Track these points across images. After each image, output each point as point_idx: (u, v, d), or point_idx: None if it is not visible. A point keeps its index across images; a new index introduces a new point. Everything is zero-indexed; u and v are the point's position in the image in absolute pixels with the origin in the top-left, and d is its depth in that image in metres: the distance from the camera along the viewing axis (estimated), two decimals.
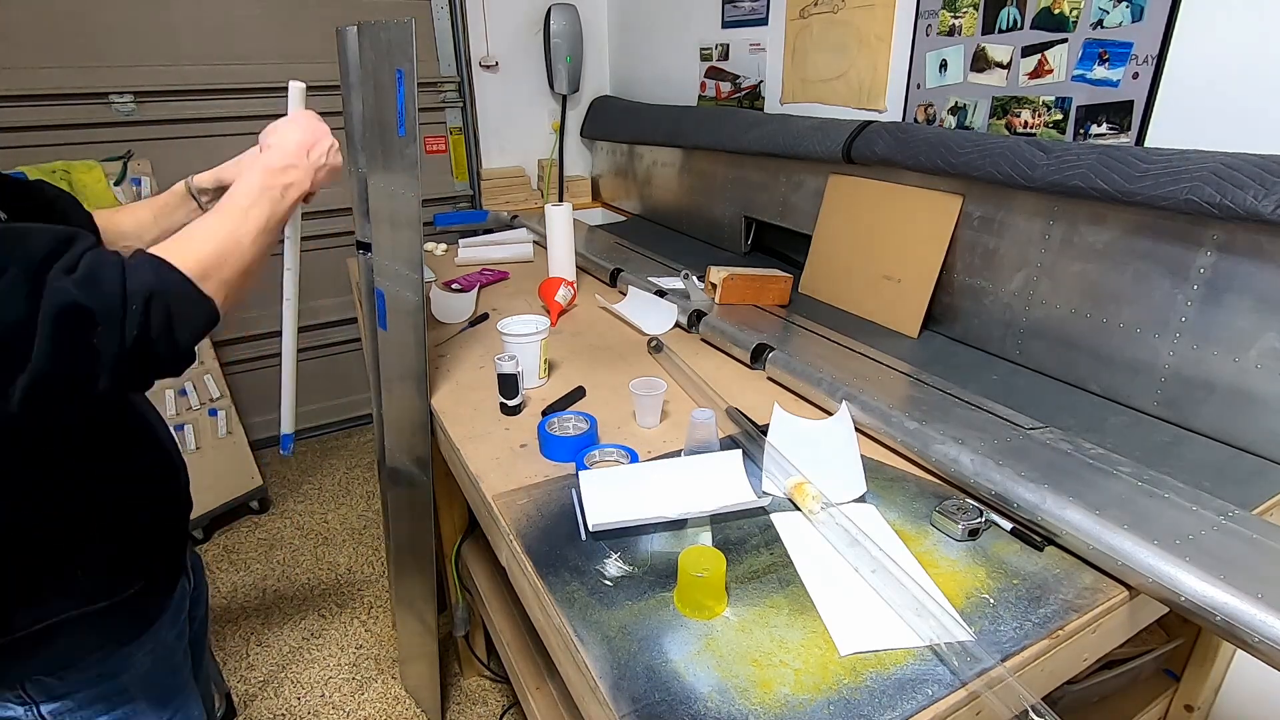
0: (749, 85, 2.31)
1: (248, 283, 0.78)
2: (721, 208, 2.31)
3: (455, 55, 2.91)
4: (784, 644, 0.77)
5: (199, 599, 1.07)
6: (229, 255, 0.76)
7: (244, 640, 2.08)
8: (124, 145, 2.34)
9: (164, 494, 0.91)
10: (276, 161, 0.88)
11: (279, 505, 2.71)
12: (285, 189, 0.87)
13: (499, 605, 1.62)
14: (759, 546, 0.92)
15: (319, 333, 3.01)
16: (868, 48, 1.83)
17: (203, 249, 0.74)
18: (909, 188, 1.61)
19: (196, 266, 0.72)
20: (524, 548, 0.92)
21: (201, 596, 1.09)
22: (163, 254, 0.70)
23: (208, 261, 0.73)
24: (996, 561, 0.89)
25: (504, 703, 1.89)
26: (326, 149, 0.94)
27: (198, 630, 1.08)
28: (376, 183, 1.31)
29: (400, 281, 1.31)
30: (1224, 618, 0.75)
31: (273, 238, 0.84)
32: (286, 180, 0.87)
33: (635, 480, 1.00)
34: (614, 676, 0.73)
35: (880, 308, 1.65)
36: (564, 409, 1.26)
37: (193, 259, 0.72)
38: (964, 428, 1.09)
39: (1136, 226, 1.22)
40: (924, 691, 0.70)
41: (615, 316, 1.73)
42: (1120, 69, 1.32)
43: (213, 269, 0.73)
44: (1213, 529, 0.85)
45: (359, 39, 1.28)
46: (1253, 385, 1.10)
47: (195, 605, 1.05)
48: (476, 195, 3.09)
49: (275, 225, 0.85)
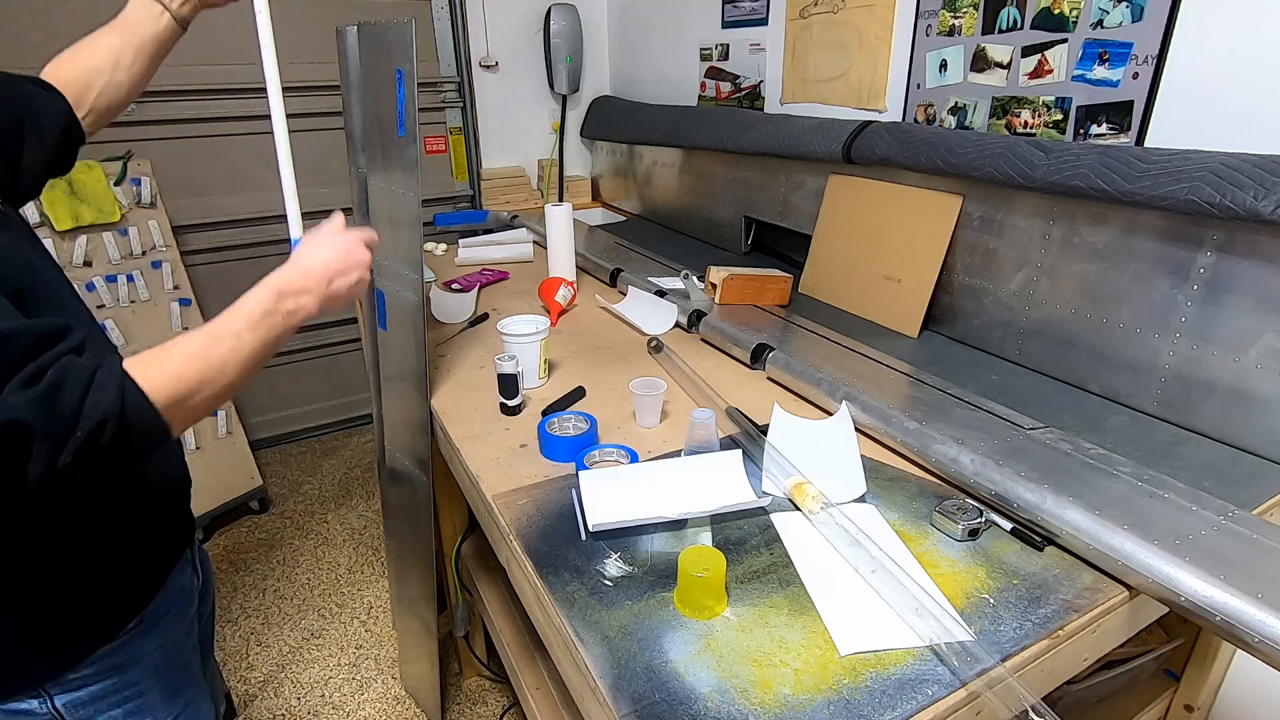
0: (749, 85, 2.31)
1: (220, 405, 0.73)
2: (721, 208, 2.31)
3: (455, 55, 2.91)
4: (784, 644, 0.77)
5: (206, 595, 1.08)
6: (209, 383, 0.70)
7: (244, 640, 2.08)
8: (124, 145, 2.34)
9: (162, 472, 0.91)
10: (293, 283, 0.80)
11: (279, 505, 2.71)
12: (290, 314, 0.79)
13: (499, 605, 1.62)
14: (759, 546, 0.92)
15: (319, 333, 3.01)
16: (868, 48, 1.83)
17: (184, 372, 0.68)
18: (909, 188, 1.61)
19: (170, 391, 0.67)
20: (524, 548, 0.92)
21: (209, 593, 1.09)
22: (138, 369, 0.66)
23: (184, 386, 0.68)
24: (996, 561, 0.89)
25: (504, 703, 1.89)
26: (353, 282, 0.86)
27: (205, 627, 1.08)
28: (376, 183, 1.31)
29: (400, 281, 1.31)
30: (1224, 618, 0.75)
31: (262, 364, 0.77)
32: (295, 306, 0.79)
33: (635, 480, 1.00)
34: (614, 676, 0.73)
35: (880, 308, 1.65)
36: (564, 409, 1.26)
37: (169, 381, 0.67)
38: (964, 428, 1.09)
39: (1136, 226, 1.22)
40: (924, 691, 0.70)
41: (615, 316, 1.73)
42: (1120, 69, 1.32)
43: (186, 395, 0.68)
44: (1213, 529, 0.85)
45: (359, 39, 1.28)
46: (1253, 385, 1.10)
47: (203, 602, 1.05)
48: (476, 195, 3.09)
49: (269, 353, 0.77)
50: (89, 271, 2.13)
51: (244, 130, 2.63)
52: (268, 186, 2.66)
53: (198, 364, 0.70)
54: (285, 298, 0.79)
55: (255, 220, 2.71)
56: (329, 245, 0.85)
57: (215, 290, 2.75)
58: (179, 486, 0.96)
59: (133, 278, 2.23)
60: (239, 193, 2.69)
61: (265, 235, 2.75)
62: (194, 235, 2.63)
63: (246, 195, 2.70)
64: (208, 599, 1.09)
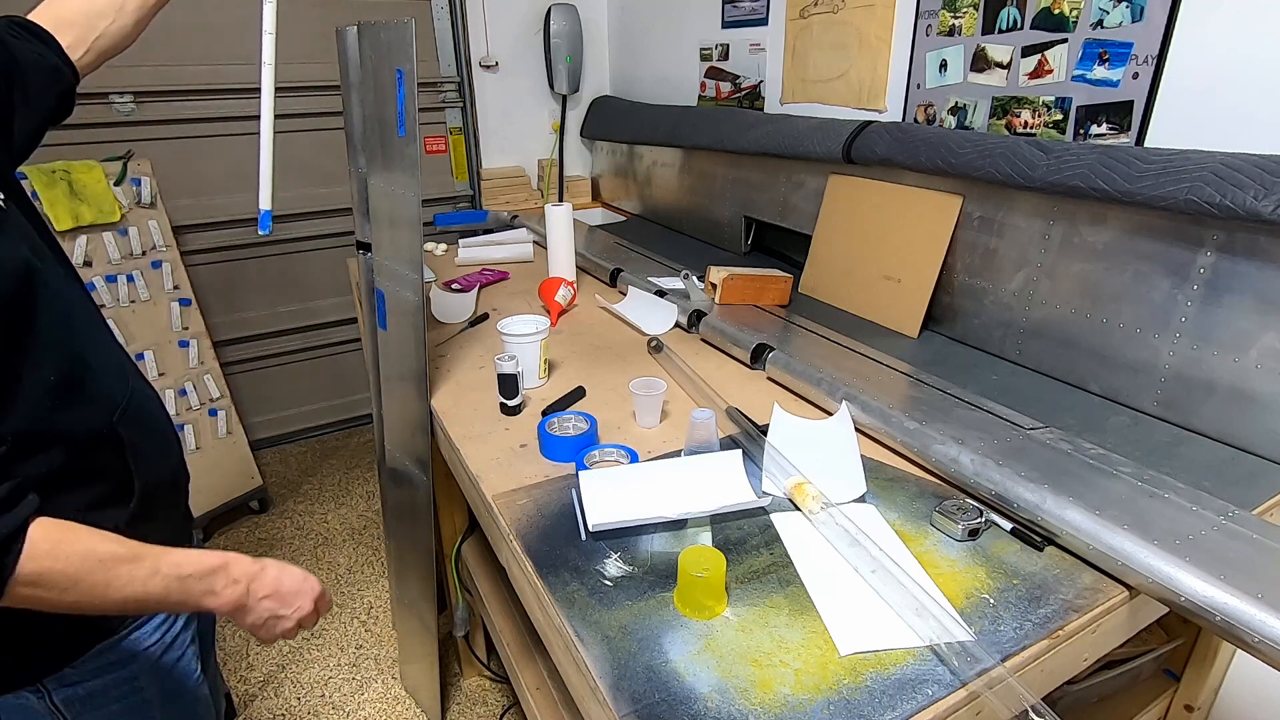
0: (749, 85, 2.31)
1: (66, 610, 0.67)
2: (721, 208, 2.31)
3: (455, 55, 2.91)
4: (784, 644, 0.77)
5: None
6: (81, 590, 0.65)
7: (244, 640, 2.08)
8: (124, 145, 2.34)
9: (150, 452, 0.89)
10: (243, 571, 0.78)
11: (279, 505, 2.71)
12: (209, 592, 0.75)
13: (499, 605, 1.62)
14: (759, 546, 0.92)
15: (319, 333, 3.01)
16: (868, 48, 1.83)
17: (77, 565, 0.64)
18: (909, 188, 1.61)
19: (33, 575, 0.62)
20: (524, 548, 0.92)
21: None
22: (44, 531, 0.63)
23: (54, 578, 0.63)
24: (996, 561, 0.89)
25: (504, 703, 1.89)
26: (277, 617, 0.82)
27: (205, 623, 1.08)
28: (376, 183, 1.31)
29: (400, 281, 1.31)
30: (1224, 618, 0.75)
31: (138, 610, 0.73)
32: (221, 588, 0.76)
33: (635, 480, 1.00)
34: (614, 676, 0.73)
35: (880, 308, 1.65)
36: (564, 409, 1.26)
37: (42, 564, 0.62)
38: (964, 428, 1.08)
39: (1136, 226, 1.22)
40: (924, 691, 0.70)
41: (615, 316, 1.73)
42: (1120, 69, 1.32)
43: (50, 587, 0.63)
44: (1213, 529, 0.85)
45: (359, 39, 1.28)
46: (1253, 385, 1.10)
47: None
48: (476, 195, 3.09)
49: (155, 606, 0.73)
50: (89, 271, 2.13)
51: (244, 130, 2.63)
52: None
53: (94, 566, 0.66)
54: (226, 580, 0.77)
55: (255, 220, 2.70)
56: (294, 579, 0.84)
57: (215, 290, 2.75)
58: (176, 484, 0.95)
59: (133, 278, 2.23)
60: (239, 193, 2.69)
61: (265, 235, 2.75)
62: (194, 235, 2.63)
63: (246, 195, 2.70)
64: None
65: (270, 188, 1.06)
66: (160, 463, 0.90)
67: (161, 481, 0.91)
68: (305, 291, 2.95)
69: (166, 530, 0.92)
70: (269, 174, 1.06)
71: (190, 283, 2.40)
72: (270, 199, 1.06)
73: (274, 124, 1.04)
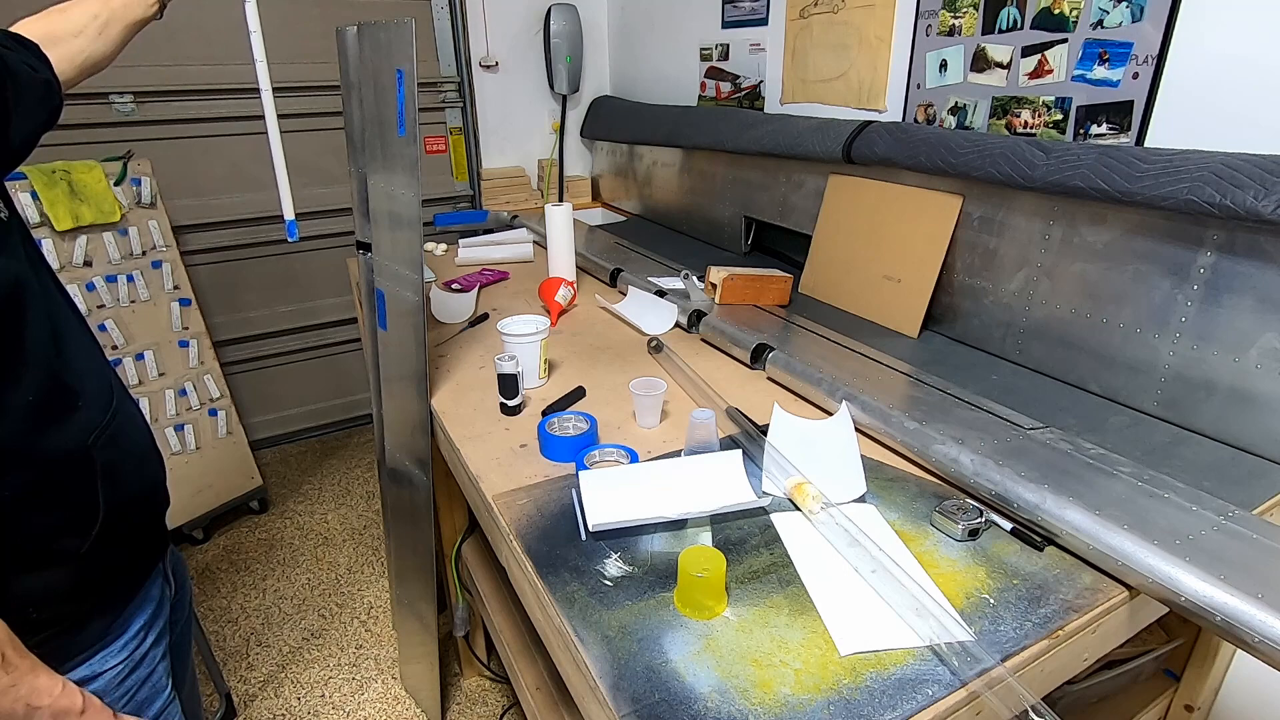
0: (749, 85, 2.31)
1: None
2: (721, 208, 2.31)
3: (455, 55, 2.91)
4: (784, 644, 0.77)
5: (181, 604, 1.04)
6: None
7: (244, 640, 2.08)
8: (124, 145, 2.34)
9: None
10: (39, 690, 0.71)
11: (279, 505, 2.71)
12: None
13: (499, 605, 1.62)
14: (759, 546, 0.92)
15: (319, 333, 3.01)
16: (868, 48, 1.83)
17: None
18: (909, 188, 1.61)
19: None
20: (524, 548, 0.92)
21: (184, 601, 1.05)
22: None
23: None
24: (996, 561, 0.89)
25: (504, 703, 1.89)
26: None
27: (180, 636, 1.04)
28: (376, 183, 1.31)
29: (400, 281, 1.31)
30: (1224, 618, 0.75)
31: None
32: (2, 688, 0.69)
33: (635, 480, 1.00)
34: (614, 676, 0.73)
35: (880, 308, 1.65)
36: (564, 409, 1.26)
37: None
38: (964, 428, 1.09)
39: (1136, 226, 1.22)
40: (924, 691, 0.70)
41: (615, 316, 1.73)
42: (1120, 69, 1.32)
43: None
44: (1213, 529, 0.85)
45: (359, 39, 1.28)
46: (1253, 385, 1.10)
47: (176, 610, 1.01)
48: (476, 195, 3.09)
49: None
50: (89, 271, 2.13)
51: (244, 130, 2.63)
52: (268, 186, 2.66)
53: None
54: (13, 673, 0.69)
55: (255, 220, 2.71)
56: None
57: (215, 290, 2.75)
58: (153, 505, 0.93)
59: (133, 278, 2.23)
60: (239, 193, 2.69)
61: (265, 235, 2.75)
62: (194, 235, 2.64)
63: (246, 195, 2.70)
64: (182, 607, 1.05)
65: (290, 199, 1.09)
66: (135, 484, 0.88)
67: (134, 502, 0.88)
68: (305, 291, 2.95)
69: (136, 551, 0.89)
70: (287, 187, 1.09)
71: (190, 283, 2.40)
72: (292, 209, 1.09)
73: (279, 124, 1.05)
